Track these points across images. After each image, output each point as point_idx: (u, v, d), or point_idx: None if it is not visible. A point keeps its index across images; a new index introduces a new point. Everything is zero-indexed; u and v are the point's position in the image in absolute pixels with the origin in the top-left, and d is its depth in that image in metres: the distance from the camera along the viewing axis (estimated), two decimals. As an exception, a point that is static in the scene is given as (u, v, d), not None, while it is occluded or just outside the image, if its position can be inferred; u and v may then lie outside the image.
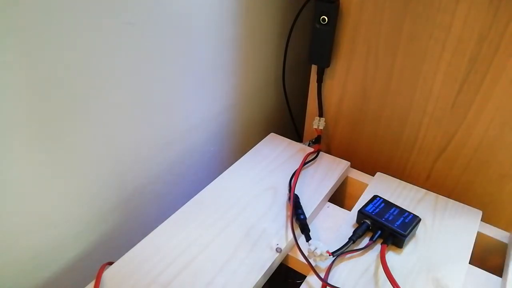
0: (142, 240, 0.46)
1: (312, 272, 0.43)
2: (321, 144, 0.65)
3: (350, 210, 0.53)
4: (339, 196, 0.61)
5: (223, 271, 0.43)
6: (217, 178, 0.55)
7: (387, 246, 0.46)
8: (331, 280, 0.43)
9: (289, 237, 0.47)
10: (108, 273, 0.42)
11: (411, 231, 0.47)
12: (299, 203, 0.50)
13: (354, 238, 0.46)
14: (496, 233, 0.51)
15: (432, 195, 0.55)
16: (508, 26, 0.48)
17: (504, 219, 0.59)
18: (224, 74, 0.60)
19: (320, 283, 0.42)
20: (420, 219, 0.49)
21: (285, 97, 0.75)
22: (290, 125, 0.81)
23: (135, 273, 0.42)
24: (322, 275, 0.43)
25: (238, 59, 0.61)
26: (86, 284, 0.41)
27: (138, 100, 0.47)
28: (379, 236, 0.47)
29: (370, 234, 0.48)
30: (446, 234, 0.49)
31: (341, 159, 0.60)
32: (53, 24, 0.36)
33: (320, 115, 0.66)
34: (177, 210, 0.50)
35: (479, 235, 0.51)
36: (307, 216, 0.49)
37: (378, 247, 0.47)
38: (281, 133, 0.66)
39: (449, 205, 0.53)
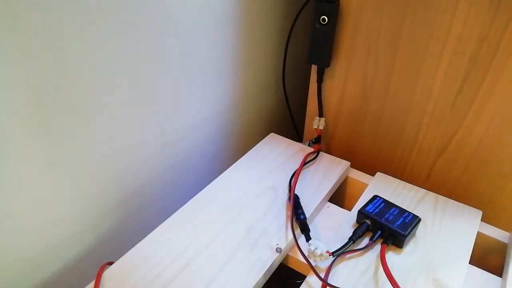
0: (142, 240, 0.46)
1: (312, 272, 0.43)
2: (321, 144, 0.65)
3: (350, 210, 0.53)
4: (339, 196, 0.61)
5: (223, 271, 0.43)
6: (217, 178, 0.55)
7: (387, 246, 0.46)
8: (331, 280, 0.43)
9: (289, 237, 0.47)
10: (108, 273, 0.42)
11: (411, 231, 0.47)
12: (299, 203, 0.50)
13: (354, 238, 0.46)
14: (496, 233, 0.51)
15: (432, 195, 0.55)
16: (508, 26, 0.48)
17: (504, 219, 0.59)
18: (224, 74, 0.60)
19: (320, 283, 0.42)
20: (420, 219, 0.49)
21: (285, 97, 0.75)
22: (290, 125, 0.81)
23: (135, 273, 0.42)
24: (322, 275, 0.43)
25: (238, 59, 0.61)
26: (86, 284, 0.41)
27: (138, 100, 0.47)
28: (379, 236, 0.47)
29: (370, 234, 0.48)
30: (446, 234, 0.49)
31: (341, 159, 0.60)
32: (52, 24, 0.36)
33: (320, 115, 0.66)
34: (177, 210, 0.50)
35: (479, 235, 0.51)
36: (307, 216, 0.49)
37: (378, 247, 0.47)
38: (281, 133, 0.66)
39: (449, 205, 0.53)
